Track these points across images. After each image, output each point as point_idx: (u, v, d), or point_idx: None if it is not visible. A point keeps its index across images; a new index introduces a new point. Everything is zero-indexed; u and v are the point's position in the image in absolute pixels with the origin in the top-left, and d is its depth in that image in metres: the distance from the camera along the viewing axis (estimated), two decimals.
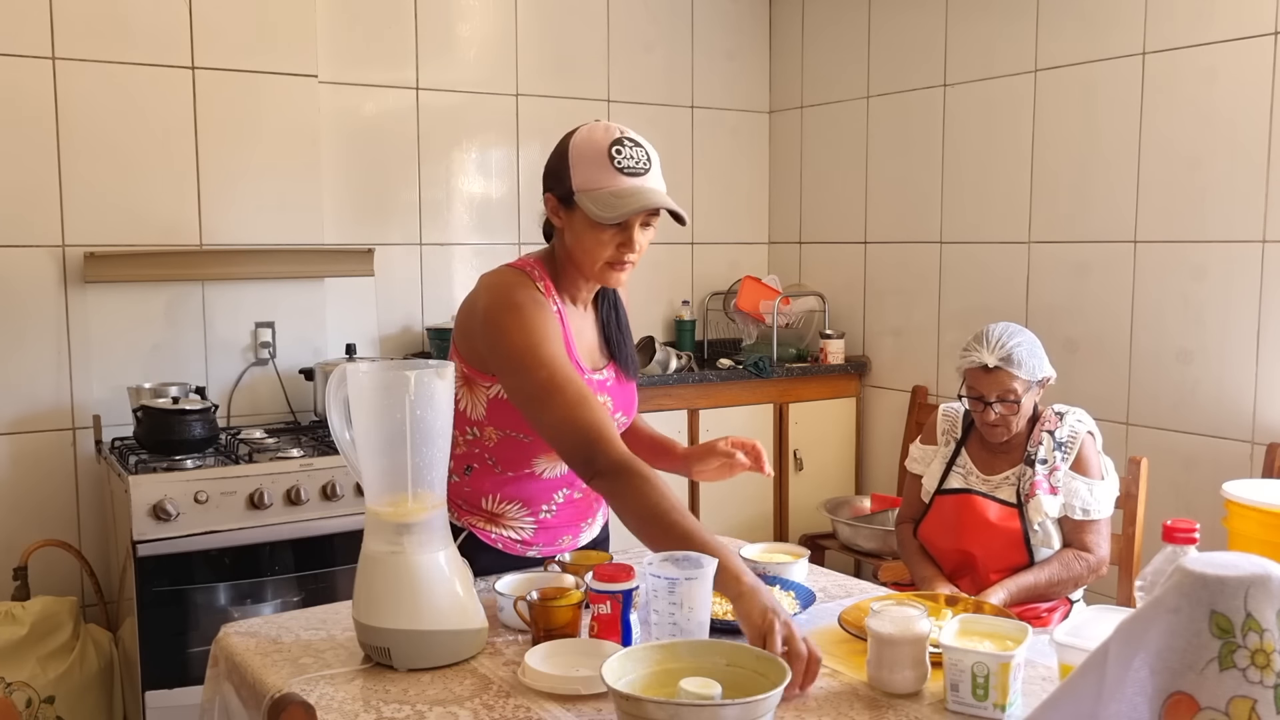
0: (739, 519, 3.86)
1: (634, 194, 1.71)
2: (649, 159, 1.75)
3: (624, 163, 1.72)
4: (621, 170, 1.71)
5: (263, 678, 1.51)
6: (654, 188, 1.74)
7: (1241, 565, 0.92)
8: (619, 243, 1.74)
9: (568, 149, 1.75)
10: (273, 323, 3.36)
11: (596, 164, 1.72)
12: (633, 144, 1.74)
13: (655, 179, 1.75)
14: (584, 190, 1.72)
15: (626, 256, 1.76)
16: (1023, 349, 2.44)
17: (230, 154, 3.27)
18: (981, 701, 1.35)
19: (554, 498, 1.91)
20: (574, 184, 1.73)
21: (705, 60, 4.31)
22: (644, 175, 1.73)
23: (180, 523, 2.72)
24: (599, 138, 1.73)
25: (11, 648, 2.80)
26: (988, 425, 2.48)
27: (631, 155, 1.72)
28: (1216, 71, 3.01)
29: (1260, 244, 2.95)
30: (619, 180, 1.71)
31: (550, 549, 1.95)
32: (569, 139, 1.77)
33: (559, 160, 1.76)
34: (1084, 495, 2.42)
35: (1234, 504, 2.58)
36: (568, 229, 1.78)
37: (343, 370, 1.55)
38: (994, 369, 2.42)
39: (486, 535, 1.91)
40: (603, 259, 1.76)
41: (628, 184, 1.71)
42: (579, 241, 1.76)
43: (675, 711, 1.17)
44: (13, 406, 3.06)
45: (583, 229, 1.74)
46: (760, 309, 4.13)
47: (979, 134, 3.68)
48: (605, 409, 1.72)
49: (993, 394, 2.44)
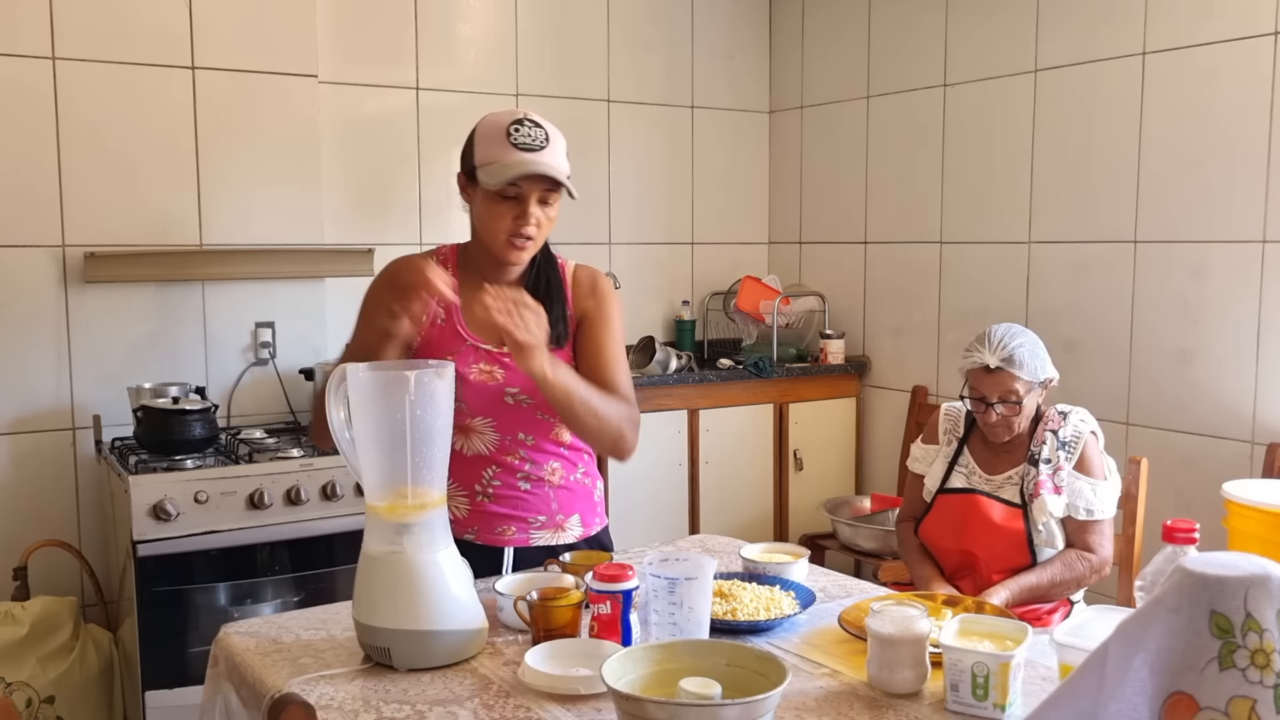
0: (739, 519, 3.86)
1: (522, 164, 1.79)
2: (547, 138, 1.83)
3: (519, 139, 1.80)
4: (516, 145, 1.80)
5: (263, 678, 1.51)
6: (545, 161, 1.81)
7: (1241, 565, 0.92)
8: (515, 215, 1.82)
9: (475, 131, 1.87)
10: (273, 323, 3.36)
11: (495, 140, 1.82)
12: (532, 124, 1.83)
13: (551, 155, 1.82)
14: (482, 164, 1.82)
15: (523, 229, 1.82)
16: (1024, 350, 2.44)
17: (230, 154, 3.27)
18: (981, 701, 1.35)
19: (483, 476, 1.93)
20: (475, 159, 1.84)
21: (705, 60, 4.31)
22: (538, 151, 1.81)
23: (180, 523, 2.72)
24: (502, 119, 1.84)
25: (11, 648, 2.80)
26: (989, 426, 2.48)
27: (529, 134, 1.81)
28: (1216, 71, 3.01)
29: (1260, 244, 2.95)
30: (512, 153, 1.79)
31: (490, 537, 1.93)
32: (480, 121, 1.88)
33: (468, 142, 1.88)
34: (1087, 495, 2.42)
35: (1234, 504, 2.57)
36: (473, 204, 1.89)
37: (343, 370, 1.55)
38: (995, 370, 2.42)
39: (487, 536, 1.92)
40: (502, 231, 1.83)
41: (519, 156, 1.79)
42: (481, 218, 1.87)
43: (675, 711, 1.17)
44: (13, 406, 3.06)
45: (483, 204, 1.85)
46: (760, 309, 4.13)
47: (979, 134, 3.68)
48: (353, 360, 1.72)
49: (994, 395, 2.43)
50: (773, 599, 1.73)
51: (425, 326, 1.89)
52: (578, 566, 1.78)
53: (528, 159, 1.79)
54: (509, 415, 1.92)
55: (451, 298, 1.77)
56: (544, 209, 1.84)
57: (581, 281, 2.00)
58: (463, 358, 1.89)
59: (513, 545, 1.94)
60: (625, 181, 4.13)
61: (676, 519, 3.76)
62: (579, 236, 4.04)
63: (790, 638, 1.64)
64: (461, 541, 1.88)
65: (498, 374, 1.90)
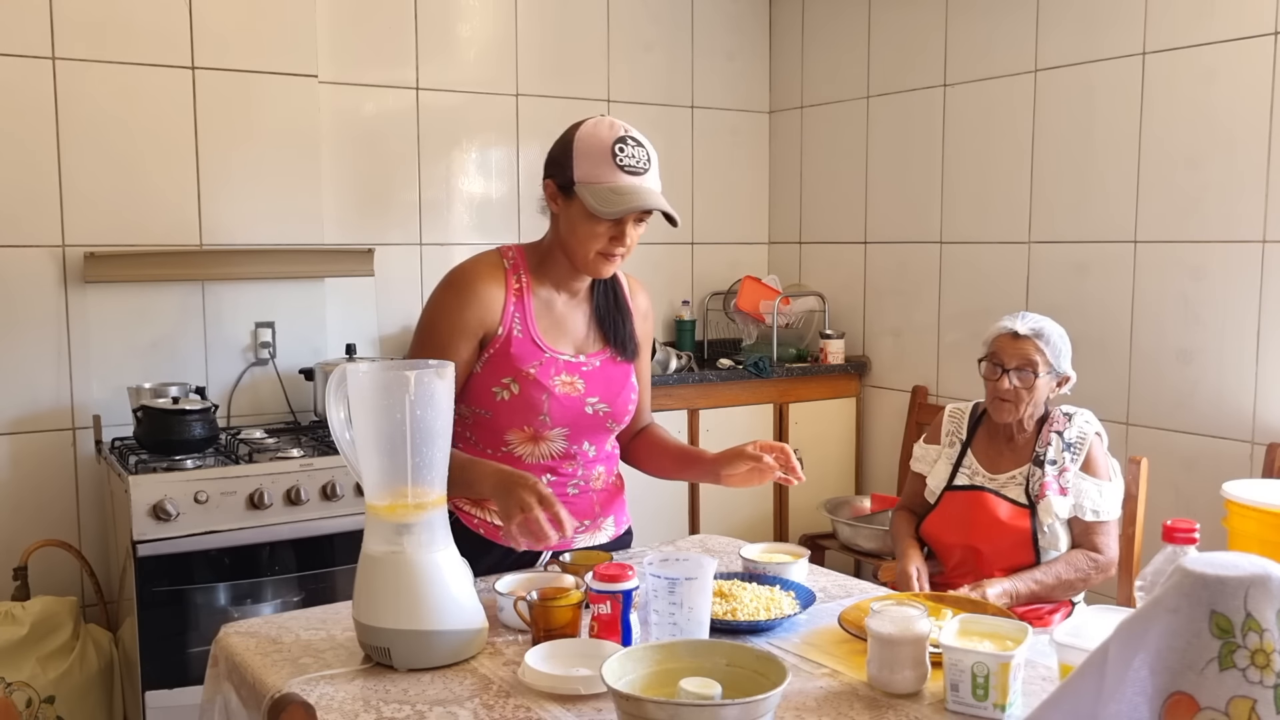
0: (739, 519, 3.86)
1: (632, 192, 1.78)
2: (649, 159, 1.82)
3: (625, 161, 1.79)
4: (622, 168, 1.78)
5: (263, 678, 1.51)
6: (651, 188, 1.81)
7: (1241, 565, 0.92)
8: (611, 236, 1.82)
9: (573, 140, 1.82)
10: (273, 323, 3.36)
11: (599, 158, 1.79)
12: (635, 143, 1.81)
13: (653, 179, 1.83)
14: (585, 182, 1.79)
15: (617, 250, 1.83)
16: (1055, 333, 2.50)
17: (230, 154, 3.27)
18: (981, 701, 1.35)
19: None
20: (575, 175, 1.80)
21: (705, 60, 4.31)
22: (643, 175, 1.81)
23: (180, 523, 2.72)
24: (604, 133, 1.81)
25: (11, 648, 2.80)
26: (999, 398, 2.47)
27: (633, 155, 1.80)
28: (1216, 71, 3.01)
29: (1260, 244, 2.95)
30: (619, 177, 1.78)
31: None
32: (575, 130, 1.84)
33: (563, 150, 1.84)
34: (1094, 496, 2.42)
35: (1234, 504, 2.57)
36: (563, 216, 1.85)
37: (343, 370, 1.55)
38: (1023, 336, 2.46)
39: (470, 519, 1.95)
40: (594, 250, 1.83)
41: (627, 181, 1.78)
42: (573, 231, 1.84)
43: (675, 711, 1.17)
44: (13, 406, 3.06)
45: (578, 219, 1.82)
46: (760, 309, 4.13)
47: (979, 134, 3.68)
48: None
49: (1014, 362, 2.45)
50: (773, 599, 1.73)
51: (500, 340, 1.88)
52: (578, 567, 1.79)
53: (639, 188, 1.79)
54: (583, 425, 1.93)
55: (567, 526, 1.67)
56: (637, 228, 1.84)
57: (640, 304, 2.06)
58: (544, 370, 1.89)
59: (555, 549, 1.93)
60: None
61: (676, 519, 3.76)
62: None
63: (790, 638, 1.64)
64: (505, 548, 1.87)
65: (579, 384, 1.91)
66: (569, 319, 1.95)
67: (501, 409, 1.89)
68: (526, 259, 1.94)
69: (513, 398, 1.88)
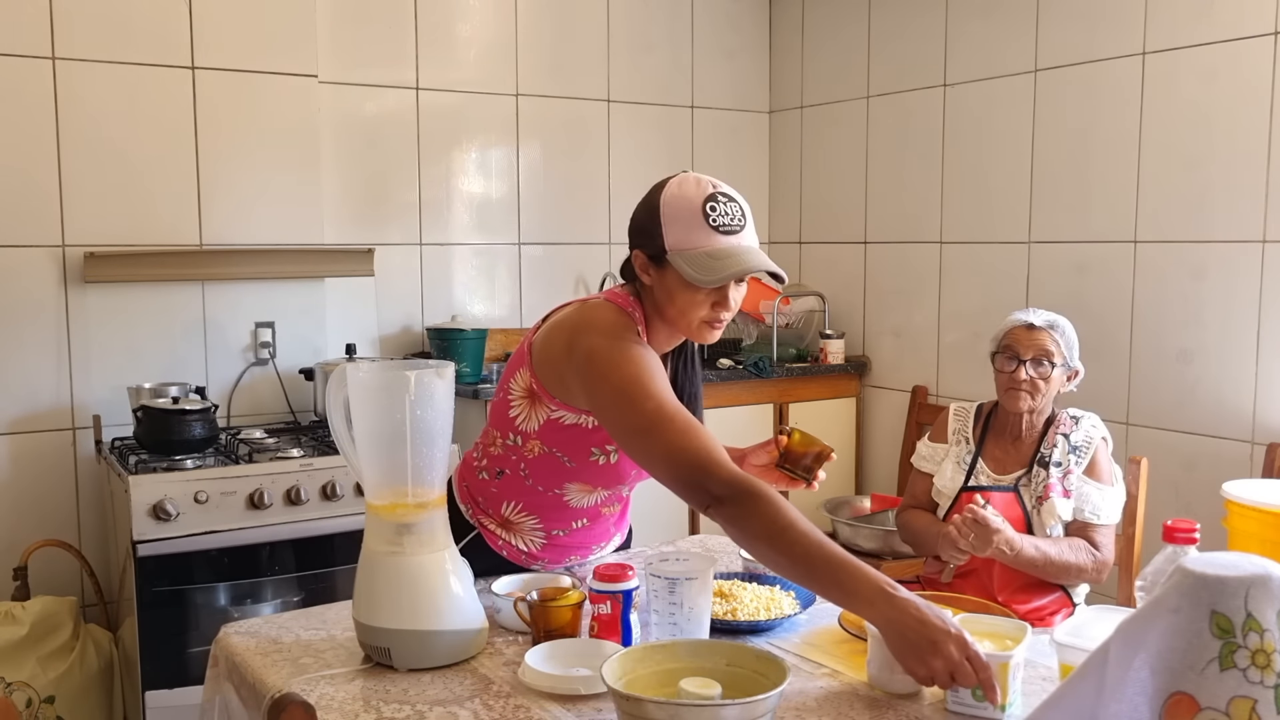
0: None
1: (731, 255, 1.65)
2: (744, 215, 1.69)
3: (719, 220, 1.66)
4: (717, 229, 1.66)
5: (263, 678, 1.51)
6: (750, 246, 1.69)
7: (1241, 565, 0.92)
8: (714, 302, 1.69)
9: (659, 205, 1.69)
10: (273, 323, 3.36)
11: (690, 222, 1.66)
12: (726, 199, 1.69)
13: (750, 236, 1.70)
14: (678, 250, 1.66)
15: (721, 315, 1.71)
16: (1068, 325, 2.51)
17: (230, 154, 3.26)
18: (981, 701, 1.35)
19: (573, 524, 1.90)
20: (667, 243, 1.67)
21: (705, 60, 4.31)
22: (739, 233, 1.68)
23: (180, 523, 2.71)
24: (691, 193, 1.68)
25: (11, 648, 2.80)
26: (1013, 388, 2.46)
27: (726, 211, 1.67)
28: (1216, 71, 3.01)
29: (1260, 244, 2.95)
30: (714, 240, 1.65)
31: (554, 565, 1.94)
32: (659, 193, 1.71)
33: (648, 216, 1.70)
34: (1095, 500, 2.42)
35: (1234, 504, 2.57)
36: (658, 286, 1.72)
37: (343, 370, 1.55)
38: (1038, 328, 2.47)
39: (494, 539, 1.91)
40: (698, 319, 1.71)
41: (724, 244, 1.66)
42: (672, 300, 1.70)
43: (675, 711, 1.17)
44: (13, 406, 3.06)
45: (676, 288, 1.69)
46: (760, 309, 4.13)
47: (979, 134, 3.68)
48: (715, 437, 1.63)
49: (1030, 353, 2.45)
50: (773, 599, 1.73)
51: None
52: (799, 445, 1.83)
53: (736, 248, 1.65)
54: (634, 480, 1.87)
55: None
56: (739, 288, 1.71)
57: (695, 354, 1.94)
58: None
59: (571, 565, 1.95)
60: (625, 181, 4.13)
61: (676, 519, 3.76)
62: (580, 236, 4.05)
63: (790, 638, 1.65)
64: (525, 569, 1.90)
65: None
66: None
67: (589, 469, 1.80)
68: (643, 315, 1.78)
69: (606, 464, 1.79)
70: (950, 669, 1.32)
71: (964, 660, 1.32)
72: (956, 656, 1.32)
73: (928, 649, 1.33)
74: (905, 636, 1.35)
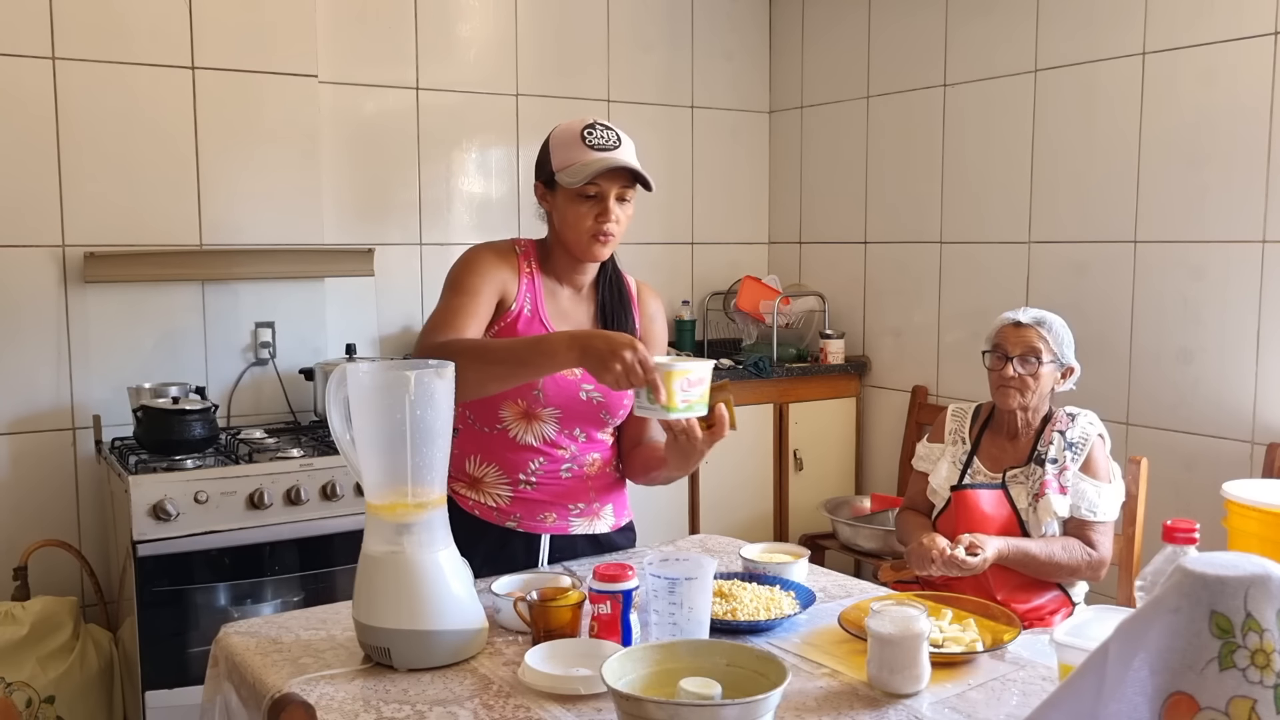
0: (739, 519, 3.86)
1: (601, 160, 1.85)
2: (619, 139, 1.90)
3: (594, 141, 1.87)
4: (592, 147, 1.87)
5: (263, 678, 1.51)
6: (623, 158, 1.87)
7: (1241, 565, 0.92)
8: (596, 213, 1.88)
9: (549, 140, 1.94)
10: (273, 323, 3.36)
11: (571, 145, 1.88)
12: (604, 127, 1.90)
13: (625, 154, 1.88)
14: (560, 168, 1.88)
15: (605, 226, 1.88)
16: (1057, 322, 2.51)
17: (230, 154, 3.27)
18: (653, 404, 1.61)
19: (530, 466, 1.96)
20: (553, 165, 1.89)
21: (705, 60, 4.31)
22: (613, 150, 1.88)
23: (180, 523, 2.72)
24: (574, 125, 1.91)
25: (11, 648, 2.80)
26: (1003, 385, 2.47)
27: (602, 135, 1.89)
28: (1216, 71, 3.01)
29: (1260, 244, 2.95)
30: (589, 154, 1.86)
31: (531, 524, 1.97)
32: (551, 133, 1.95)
33: (542, 151, 1.95)
34: (1091, 497, 2.42)
35: (1234, 504, 2.57)
36: (554, 210, 1.94)
37: (343, 370, 1.55)
38: (1025, 324, 2.48)
39: (465, 501, 1.98)
40: (585, 232, 1.89)
41: (597, 155, 1.86)
42: (563, 219, 1.91)
43: (675, 711, 1.17)
44: (13, 406, 3.06)
45: (564, 205, 1.90)
46: (760, 309, 4.13)
47: (979, 134, 3.68)
48: (472, 328, 1.87)
49: (1017, 349, 2.45)
50: (773, 599, 1.73)
51: (512, 315, 1.93)
52: None
53: (605, 156, 1.86)
54: (577, 410, 1.95)
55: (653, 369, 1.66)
56: (622, 206, 1.90)
57: (646, 304, 2.10)
58: None
59: (552, 532, 1.99)
60: None
61: (676, 519, 3.76)
62: None
63: (790, 638, 1.65)
64: (502, 529, 1.96)
65: (576, 370, 1.92)
66: (574, 311, 2.01)
67: None
68: (535, 251, 2.01)
69: None
70: (625, 370, 1.61)
71: (636, 363, 1.61)
72: (630, 359, 1.61)
73: (609, 355, 1.62)
74: (591, 351, 1.64)
